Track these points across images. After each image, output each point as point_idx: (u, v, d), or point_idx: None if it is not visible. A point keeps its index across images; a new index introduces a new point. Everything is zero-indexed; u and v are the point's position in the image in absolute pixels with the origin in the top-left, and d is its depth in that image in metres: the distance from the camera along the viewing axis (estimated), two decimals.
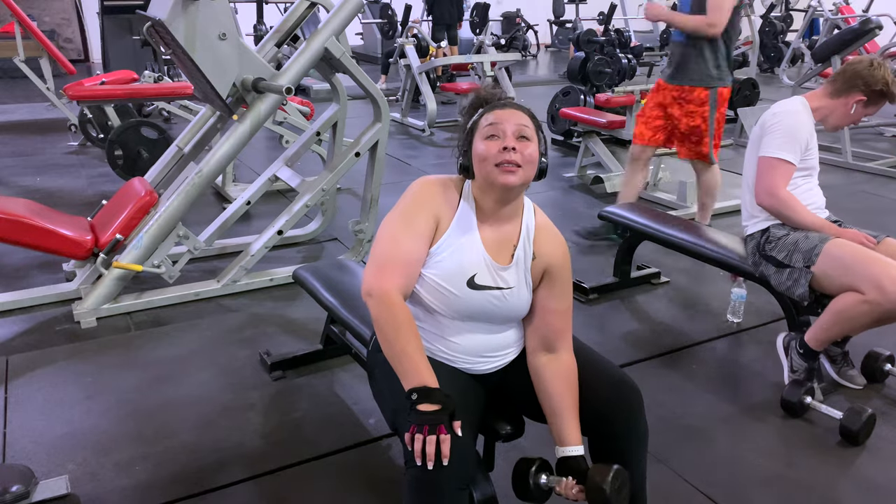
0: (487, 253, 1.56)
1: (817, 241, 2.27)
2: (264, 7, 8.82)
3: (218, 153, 3.04)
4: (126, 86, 5.45)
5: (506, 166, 1.50)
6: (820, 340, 2.32)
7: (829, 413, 2.26)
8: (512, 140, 1.50)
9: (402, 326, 1.45)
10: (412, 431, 1.36)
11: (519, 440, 1.66)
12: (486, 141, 1.52)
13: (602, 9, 11.30)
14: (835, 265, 2.22)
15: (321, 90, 8.30)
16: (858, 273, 2.15)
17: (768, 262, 2.39)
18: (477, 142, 1.54)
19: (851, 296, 2.16)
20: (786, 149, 2.32)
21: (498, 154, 1.50)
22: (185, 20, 2.71)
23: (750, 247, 2.49)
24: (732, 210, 4.51)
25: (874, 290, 2.10)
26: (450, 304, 1.55)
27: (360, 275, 2.48)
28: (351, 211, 4.19)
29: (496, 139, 1.51)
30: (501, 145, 1.50)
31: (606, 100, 5.23)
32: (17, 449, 2.14)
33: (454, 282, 1.54)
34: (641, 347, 2.78)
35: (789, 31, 11.39)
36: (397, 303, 1.47)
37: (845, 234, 2.31)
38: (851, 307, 2.17)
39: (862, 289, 2.13)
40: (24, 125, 7.07)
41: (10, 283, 3.31)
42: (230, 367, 2.61)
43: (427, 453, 1.34)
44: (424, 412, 1.37)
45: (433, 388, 1.40)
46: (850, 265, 2.18)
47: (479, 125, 1.56)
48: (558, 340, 1.60)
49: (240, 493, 1.98)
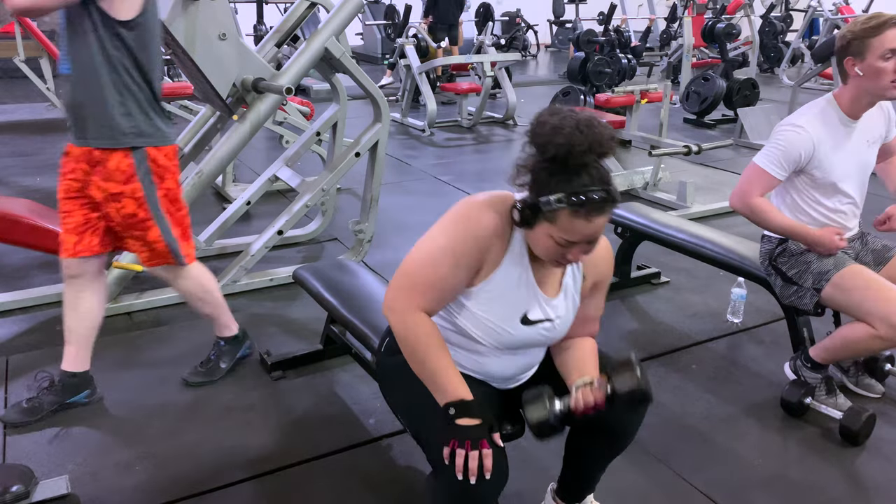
0: (539, 287, 1.47)
1: (831, 267, 2.18)
2: (264, 7, 8.81)
3: (218, 153, 3.04)
4: None
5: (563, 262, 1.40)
6: (825, 359, 2.30)
7: (828, 413, 2.26)
8: (580, 254, 1.37)
9: (431, 344, 1.41)
10: (452, 446, 1.33)
11: (519, 440, 1.66)
12: (553, 243, 1.34)
13: (602, 9, 11.30)
14: (845, 297, 2.15)
15: (321, 90, 8.30)
16: (871, 309, 2.07)
17: (777, 274, 2.35)
18: (542, 234, 1.34)
19: (863, 328, 2.09)
20: (773, 162, 2.25)
21: (560, 257, 1.38)
22: (185, 20, 2.71)
23: (764, 248, 2.42)
24: (733, 210, 4.51)
25: (887, 328, 2.03)
26: (500, 339, 1.48)
27: (361, 275, 2.49)
28: (351, 211, 4.19)
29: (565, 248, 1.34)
30: (566, 255, 1.36)
31: (606, 100, 5.24)
32: (17, 449, 2.14)
33: (507, 320, 1.46)
34: (641, 347, 2.78)
35: (789, 31, 11.39)
36: (424, 321, 1.42)
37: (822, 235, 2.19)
38: (862, 340, 2.11)
39: (874, 325, 2.06)
40: (24, 125, 7.07)
41: (10, 283, 3.30)
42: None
43: (470, 468, 1.31)
44: (465, 427, 1.35)
45: (470, 401, 1.38)
46: (861, 300, 2.10)
47: (556, 219, 1.30)
48: (584, 333, 1.61)
49: (240, 493, 1.98)
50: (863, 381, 2.48)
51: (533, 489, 1.92)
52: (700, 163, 5.54)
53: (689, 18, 7.57)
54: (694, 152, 4.36)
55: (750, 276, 2.60)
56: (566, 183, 1.28)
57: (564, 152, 1.26)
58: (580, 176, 1.28)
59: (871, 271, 2.18)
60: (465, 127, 7.15)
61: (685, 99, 7.14)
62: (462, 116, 7.29)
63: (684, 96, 7.15)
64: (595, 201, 1.28)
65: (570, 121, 1.27)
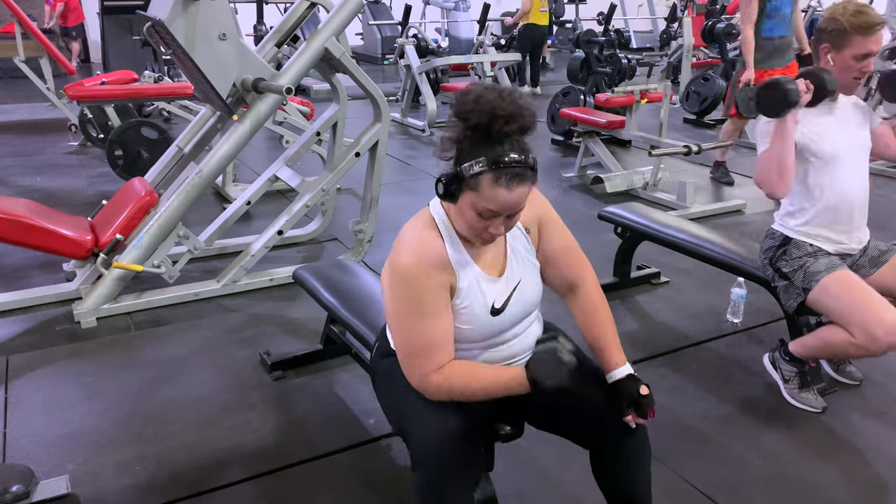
0: (488, 273, 1.50)
1: (822, 269, 2.20)
2: (264, 7, 8.82)
3: (218, 153, 3.04)
4: (126, 86, 5.45)
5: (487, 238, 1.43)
6: (802, 355, 2.34)
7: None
8: (501, 227, 1.40)
9: (470, 379, 1.44)
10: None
11: (519, 440, 1.66)
12: (475, 214, 1.37)
13: (602, 9, 11.30)
14: (829, 302, 2.17)
15: (321, 90, 8.30)
16: (852, 317, 2.09)
17: (774, 271, 2.37)
18: (465, 204, 1.37)
19: (842, 334, 2.12)
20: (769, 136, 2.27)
21: (483, 231, 1.40)
22: (185, 20, 2.71)
23: (766, 244, 2.42)
24: (733, 210, 4.52)
25: (865, 338, 2.05)
26: (483, 335, 1.52)
27: (361, 275, 2.49)
28: (351, 211, 4.19)
29: (487, 220, 1.38)
30: (488, 228, 1.39)
31: (606, 100, 5.23)
32: (17, 449, 2.15)
33: (481, 320, 1.49)
34: (641, 347, 2.78)
35: None
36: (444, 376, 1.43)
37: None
38: (840, 345, 2.15)
39: (853, 333, 2.08)
40: (24, 125, 7.07)
41: (10, 283, 3.31)
42: (230, 367, 2.61)
43: None
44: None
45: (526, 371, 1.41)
46: (844, 307, 2.12)
47: (478, 186, 1.34)
48: (577, 276, 1.62)
49: (240, 493, 1.98)
50: (844, 370, 2.51)
51: (533, 489, 1.92)
52: (700, 163, 5.54)
53: (688, 18, 7.57)
54: (694, 152, 4.36)
55: (750, 277, 2.60)
56: (489, 150, 1.32)
57: (487, 119, 1.31)
58: (502, 145, 1.33)
59: (859, 279, 2.19)
60: None
61: (685, 99, 7.14)
62: None
63: (684, 96, 7.15)
64: (514, 168, 1.32)
65: (493, 92, 1.33)
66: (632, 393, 1.50)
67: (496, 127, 1.32)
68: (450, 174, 1.37)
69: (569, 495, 1.95)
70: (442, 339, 1.44)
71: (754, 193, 4.85)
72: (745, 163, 5.71)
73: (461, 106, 1.35)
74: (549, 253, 1.60)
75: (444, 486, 1.37)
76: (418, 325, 1.42)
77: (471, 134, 1.35)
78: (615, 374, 1.54)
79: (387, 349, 1.62)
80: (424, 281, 1.41)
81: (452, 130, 1.38)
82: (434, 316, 1.43)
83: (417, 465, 1.41)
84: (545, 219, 1.60)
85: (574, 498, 1.93)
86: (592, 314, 1.61)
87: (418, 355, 1.44)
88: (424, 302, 1.42)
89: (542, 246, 1.60)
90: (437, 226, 1.47)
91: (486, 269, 1.50)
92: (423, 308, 1.42)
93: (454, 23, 11.10)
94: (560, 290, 1.65)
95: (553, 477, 1.85)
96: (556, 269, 1.61)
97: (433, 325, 1.43)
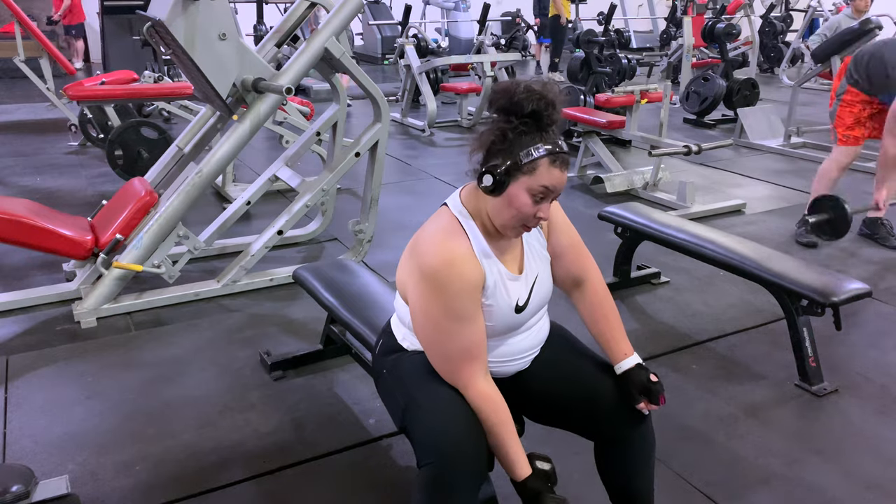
0: (511, 271, 1.53)
1: None
2: (264, 7, 8.81)
3: (218, 153, 3.04)
4: (126, 86, 5.45)
5: (533, 224, 1.46)
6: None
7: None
8: (548, 210, 1.44)
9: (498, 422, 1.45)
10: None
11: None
12: (528, 199, 1.40)
13: (602, 9, 11.30)
14: None
15: (321, 90, 8.30)
16: None
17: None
18: (520, 189, 1.40)
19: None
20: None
21: (530, 218, 1.43)
22: (185, 20, 2.71)
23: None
24: (733, 210, 4.52)
25: None
26: (503, 330, 1.54)
27: (361, 275, 2.49)
28: (351, 211, 4.19)
29: (539, 204, 1.42)
30: (537, 213, 1.42)
31: (606, 100, 5.23)
32: (17, 449, 2.14)
33: (505, 317, 1.52)
34: (641, 347, 2.77)
35: (789, 31, 11.38)
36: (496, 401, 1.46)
37: None
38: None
39: None
40: (24, 125, 7.07)
41: (10, 283, 3.31)
42: (230, 367, 2.61)
43: None
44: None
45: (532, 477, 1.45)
46: None
47: (535, 170, 1.38)
48: (582, 272, 1.66)
49: (240, 493, 1.98)
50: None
51: None
52: (700, 163, 5.54)
53: (688, 18, 7.57)
54: (694, 152, 4.36)
55: (750, 277, 2.60)
56: (545, 136, 1.39)
57: (543, 106, 1.37)
58: (551, 131, 1.41)
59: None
60: (465, 127, 7.15)
61: (685, 99, 7.14)
62: (462, 116, 7.29)
63: (684, 96, 7.15)
64: (566, 152, 1.43)
65: (538, 83, 1.40)
66: (642, 380, 1.54)
67: (548, 113, 1.39)
68: (501, 165, 1.39)
69: (569, 495, 1.93)
70: (479, 346, 1.46)
71: (754, 193, 4.86)
72: (746, 162, 5.72)
73: (512, 97, 1.38)
74: (556, 248, 1.64)
75: (450, 479, 1.36)
76: (455, 330, 1.44)
77: (521, 123, 1.38)
78: (624, 364, 1.58)
79: (391, 346, 1.62)
80: (458, 283, 1.42)
81: (498, 123, 1.41)
82: (470, 320, 1.44)
83: (423, 458, 1.40)
84: (554, 214, 1.63)
85: (574, 498, 1.92)
86: (598, 309, 1.66)
87: (456, 359, 1.46)
88: (459, 306, 1.43)
89: (550, 241, 1.63)
90: (461, 225, 1.49)
91: (507, 266, 1.53)
92: (459, 312, 1.43)
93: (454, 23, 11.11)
94: (565, 285, 1.68)
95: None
96: (562, 264, 1.64)
97: (471, 332, 1.45)
